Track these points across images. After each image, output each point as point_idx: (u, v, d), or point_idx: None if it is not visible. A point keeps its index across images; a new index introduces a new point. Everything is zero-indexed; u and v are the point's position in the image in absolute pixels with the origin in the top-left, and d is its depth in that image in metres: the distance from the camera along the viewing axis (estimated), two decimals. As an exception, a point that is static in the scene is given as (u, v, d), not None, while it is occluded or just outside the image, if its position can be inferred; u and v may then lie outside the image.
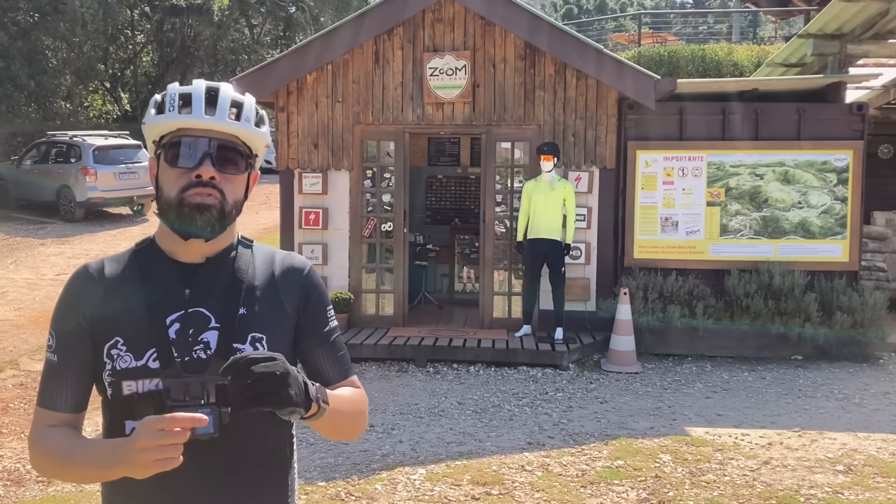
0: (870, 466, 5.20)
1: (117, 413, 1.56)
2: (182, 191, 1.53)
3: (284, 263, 1.68)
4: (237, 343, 1.56)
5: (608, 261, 8.43)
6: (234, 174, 1.57)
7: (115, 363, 1.54)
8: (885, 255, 9.56)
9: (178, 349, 1.54)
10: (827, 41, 9.01)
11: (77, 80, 25.10)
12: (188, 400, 1.47)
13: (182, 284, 1.58)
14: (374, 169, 8.69)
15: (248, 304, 1.59)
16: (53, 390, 1.60)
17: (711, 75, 18.19)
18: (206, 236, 1.56)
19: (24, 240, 14.67)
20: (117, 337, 1.55)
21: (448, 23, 8.37)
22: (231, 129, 1.55)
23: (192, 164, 1.53)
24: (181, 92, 1.56)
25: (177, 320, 1.55)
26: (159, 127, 1.57)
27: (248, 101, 1.60)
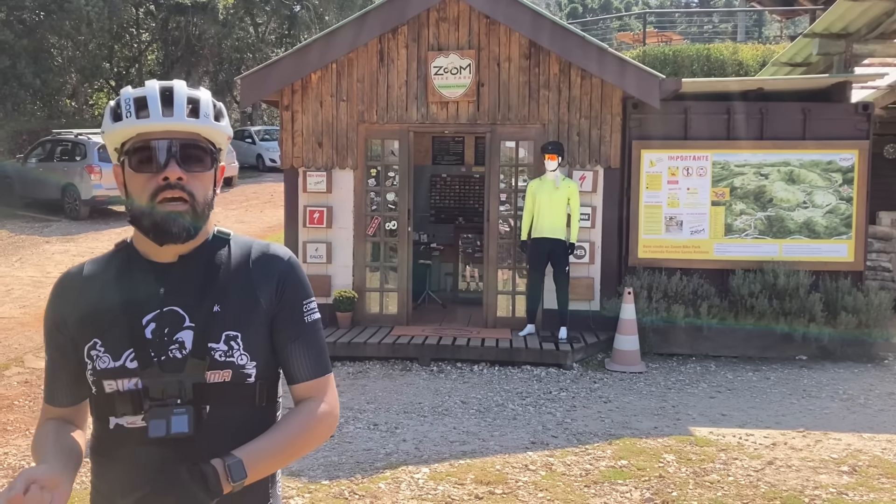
0: (874, 467, 5.18)
1: (101, 409, 1.60)
2: (152, 196, 1.52)
3: (259, 253, 1.65)
4: (212, 342, 1.55)
5: (612, 260, 8.42)
6: (201, 171, 1.56)
7: (94, 363, 1.57)
8: (890, 255, 9.54)
9: (155, 349, 1.54)
10: (832, 41, 9.00)
11: (82, 79, 25.15)
12: (165, 399, 1.51)
13: (157, 284, 1.59)
14: (379, 168, 8.69)
15: (222, 301, 1.58)
16: (52, 387, 1.67)
17: (716, 75, 18.16)
18: (181, 241, 1.56)
19: (29, 237, 14.71)
20: (95, 338, 1.57)
21: (453, 22, 8.37)
22: (191, 127, 1.54)
23: (157, 167, 1.52)
24: (136, 96, 1.55)
25: (152, 320, 1.56)
26: (118, 134, 1.56)
27: (204, 96, 1.59)
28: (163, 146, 1.53)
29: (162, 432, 1.48)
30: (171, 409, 1.49)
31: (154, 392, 1.51)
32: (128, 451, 1.54)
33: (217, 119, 1.59)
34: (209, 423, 1.52)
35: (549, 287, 8.03)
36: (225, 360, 1.55)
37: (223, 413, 1.55)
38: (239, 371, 1.57)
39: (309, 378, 1.65)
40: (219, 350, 1.55)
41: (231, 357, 1.56)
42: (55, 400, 1.67)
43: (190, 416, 1.49)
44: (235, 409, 1.57)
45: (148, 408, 1.50)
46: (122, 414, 1.55)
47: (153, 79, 10.30)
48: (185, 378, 1.52)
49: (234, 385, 1.56)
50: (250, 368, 1.58)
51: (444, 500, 4.64)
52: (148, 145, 1.53)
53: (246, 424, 1.58)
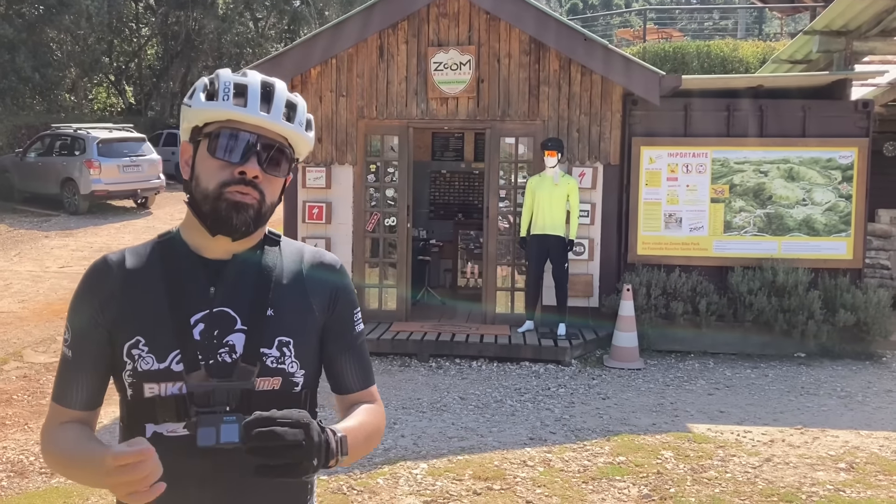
0: (872, 464, 5.19)
1: (137, 415, 1.48)
2: (222, 185, 1.45)
3: (314, 261, 1.60)
4: (264, 347, 1.48)
5: (611, 257, 8.42)
6: (276, 176, 1.50)
7: (136, 364, 1.45)
8: (889, 252, 9.54)
9: (203, 351, 1.45)
10: (833, 38, 8.99)
11: (82, 73, 25.10)
12: (212, 406, 1.42)
13: (207, 282, 1.50)
14: (378, 164, 8.69)
15: (276, 305, 1.51)
16: (67, 386, 1.51)
17: (717, 72, 18.15)
18: (237, 236, 1.48)
19: (29, 232, 14.71)
20: (138, 336, 1.46)
21: (453, 17, 8.35)
22: (282, 130, 1.48)
23: (237, 159, 1.45)
24: (236, 81, 1.47)
25: (201, 320, 1.47)
26: (207, 113, 1.47)
27: (301, 102, 1.53)
28: (250, 139, 1.46)
29: (212, 441, 1.36)
30: (221, 417, 1.38)
31: (199, 398, 1.42)
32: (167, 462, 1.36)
33: (307, 129, 1.54)
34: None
35: (548, 283, 8.03)
36: (276, 367, 1.49)
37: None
38: (288, 379, 1.51)
39: (360, 388, 1.64)
40: (271, 356, 1.48)
41: (282, 364, 1.50)
42: (70, 401, 1.51)
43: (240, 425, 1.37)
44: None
45: (195, 415, 1.40)
46: (162, 421, 1.45)
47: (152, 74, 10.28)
48: (234, 384, 1.44)
49: (282, 393, 1.50)
50: (299, 377, 1.52)
51: (442, 496, 4.65)
52: (235, 134, 1.45)
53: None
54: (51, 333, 8.35)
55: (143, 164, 16.71)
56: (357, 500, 4.60)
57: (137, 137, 17.30)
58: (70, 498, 4.64)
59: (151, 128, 22.93)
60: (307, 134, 1.54)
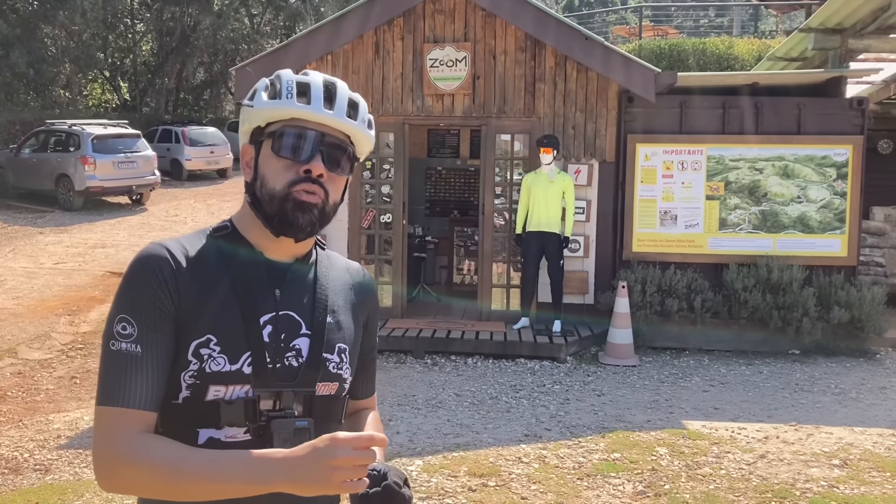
0: (865, 461, 5.21)
1: (191, 418, 1.39)
2: (290, 185, 1.43)
3: (358, 276, 1.64)
4: (326, 353, 1.49)
5: (607, 254, 8.43)
6: (340, 175, 1.49)
7: (204, 364, 1.38)
8: (883, 250, 9.57)
9: (271, 355, 1.42)
10: (828, 35, 9.00)
11: (76, 69, 25.02)
12: (281, 410, 1.40)
13: (272, 284, 1.47)
14: (374, 160, 8.68)
15: (333, 313, 1.53)
16: (131, 385, 1.34)
17: (712, 69, 18.16)
18: (302, 237, 1.46)
19: (23, 228, 14.66)
20: (209, 334, 1.39)
21: (448, 14, 8.35)
22: (346, 128, 1.47)
23: (303, 157, 1.43)
24: (298, 80, 1.46)
25: (269, 322, 1.44)
26: (270, 112, 1.45)
27: (363, 101, 1.53)
28: (314, 137, 1.44)
29: (288, 447, 1.33)
30: (294, 422, 1.37)
31: (265, 402, 1.39)
32: None
33: (369, 127, 1.53)
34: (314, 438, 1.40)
35: (543, 280, 8.04)
36: (336, 373, 1.50)
37: (323, 427, 1.43)
38: (342, 384, 1.52)
39: (368, 396, 1.70)
40: (332, 361, 1.49)
41: (340, 370, 1.51)
42: (136, 400, 1.34)
43: (312, 430, 1.38)
44: (331, 423, 1.49)
45: (266, 420, 1.37)
46: (226, 425, 1.38)
47: (147, 70, 10.25)
48: (299, 388, 1.43)
49: (336, 398, 1.51)
50: (349, 383, 1.55)
51: (438, 493, 4.65)
52: (300, 132, 1.44)
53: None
54: (45, 330, 8.33)
55: (137, 161, 16.67)
56: (352, 497, 4.60)
57: (132, 134, 17.26)
58: (65, 494, 4.64)
59: (146, 124, 22.87)
60: (369, 132, 1.53)
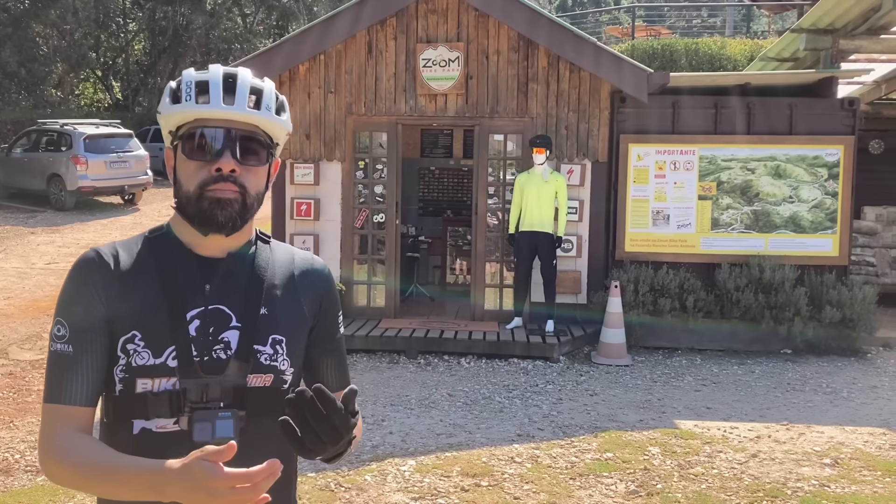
0: (856, 460, 5.24)
1: (125, 410, 1.47)
2: (201, 185, 1.45)
3: (304, 265, 1.63)
4: (258, 344, 1.50)
5: (599, 254, 8.44)
6: (256, 165, 1.49)
7: (130, 359, 1.44)
8: (874, 249, 9.61)
9: (198, 348, 1.46)
10: (820, 36, 9.04)
11: (68, 68, 24.93)
12: (205, 402, 1.43)
13: (202, 279, 1.50)
14: (367, 160, 8.67)
15: (269, 304, 1.54)
16: (67, 383, 1.44)
17: (705, 69, 18.21)
18: (226, 232, 1.49)
19: (14, 228, 14.60)
20: (135, 331, 1.45)
21: (441, 14, 8.34)
22: (251, 119, 1.47)
23: (211, 156, 1.45)
24: (197, 79, 1.47)
25: (197, 317, 1.48)
26: (175, 117, 1.48)
27: (267, 86, 1.52)
28: (220, 135, 1.45)
29: (207, 437, 1.38)
30: (216, 413, 1.41)
31: (193, 394, 1.43)
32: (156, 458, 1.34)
33: (279, 112, 1.53)
34: (246, 429, 1.45)
35: (536, 280, 8.05)
36: (269, 364, 1.51)
37: (258, 419, 1.48)
38: (279, 376, 1.53)
39: (341, 388, 1.65)
40: (264, 353, 1.50)
41: (275, 361, 1.52)
42: (73, 397, 1.44)
43: (235, 421, 1.42)
44: (269, 415, 1.48)
45: (190, 410, 1.42)
46: (154, 416, 1.44)
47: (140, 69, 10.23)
48: (227, 380, 1.46)
49: (272, 390, 1.51)
50: (288, 375, 1.55)
51: (431, 493, 4.65)
52: (205, 132, 1.45)
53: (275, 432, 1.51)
54: (37, 330, 8.30)
55: (130, 160, 16.62)
56: (345, 497, 4.60)
57: (124, 133, 17.21)
58: (56, 496, 4.62)
59: (139, 124, 22.80)
60: (279, 118, 1.52)
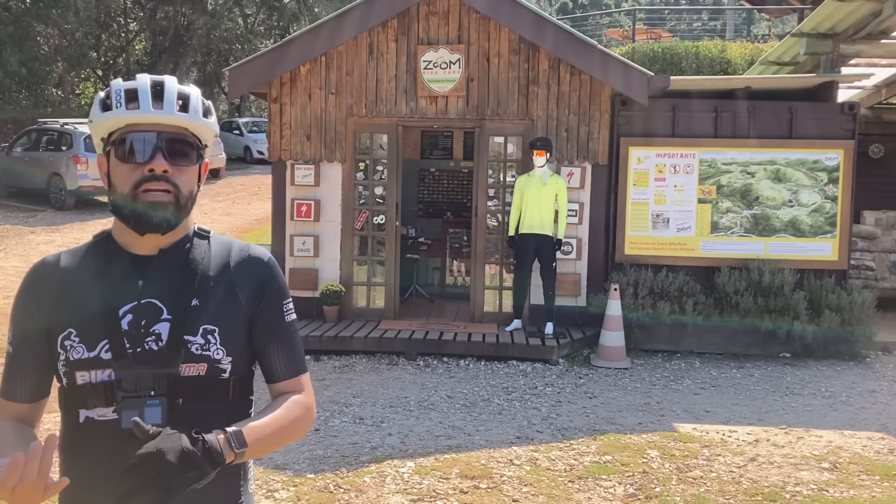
0: (855, 464, 5.24)
1: (71, 401, 1.58)
2: (135, 186, 1.54)
3: (241, 254, 1.69)
4: (188, 335, 1.56)
5: (599, 256, 8.45)
6: (186, 165, 1.58)
7: (68, 354, 1.56)
8: (873, 254, 9.62)
9: (130, 340, 1.55)
10: (820, 40, 9.05)
11: (69, 68, 24.93)
12: (139, 391, 1.51)
13: (136, 276, 1.59)
14: (367, 161, 8.68)
15: (202, 296, 1.60)
16: (12, 381, 1.64)
17: (705, 72, 18.23)
18: (161, 232, 1.57)
19: (14, 228, 14.59)
20: (70, 328, 1.56)
21: (442, 16, 8.35)
22: (179, 122, 1.57)
23: (143, 158, 1.54)
24: (126, 87, 1.57)
25: (129, 311, 1.57)
26: (107, 124, 1.57)
27: (193, 92, 1.61)
28: (150, 138, 1.55)
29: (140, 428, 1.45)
30: (145, 401, 1.50)
31: (127, 384, 1.52)
32: (99, 444, 1.54)
33: (205, 115, 1.62)
34: (182, 417, 1.52)
35: (535, 282, 8.05)
36: (201, 354, 1.57)
37: (196, 407, 1.55)
38: (214, 365, 1.58)
39: (289, 377, 1.69)
40: (195, 343, 1.56)
41: (207, 351, 1.57)
42: (14, 394, 1.63)
43: (163, 408, 1.50)
44: (208, 403, 1.58)
45: (121, 399, 1.51)
46: (93, 406, 1.55)
47: (140, 69, 10.28)
48: (159, 370, 1.53)
49: (209, 379, 1.58)
50: (226, 363, 1.60)
51: (429, 494, 4.66)
52: (137, 136, 1.55)
53: (218, 419, 1.57)
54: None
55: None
56: (344, 499, 4.60)
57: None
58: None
59: (139, 123, 22.78)
60: (206, 120, 1.61)
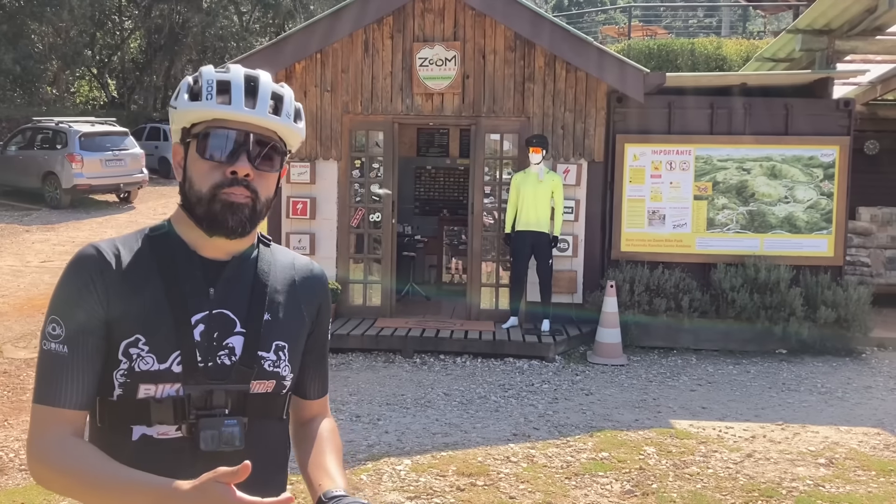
0: (851, 460, 5.25)
1: (124, 416, 1.42)
2: (215, 188, 1.42)
3: (305, 270, 1.62)
4: (261, 350, 1.48)
5: (595, 253, 8.45)
6: (269, 171, 1.47)
7: (133, 363, 1.40)
8: (869, 250, 9.63)
9: (202, 353, 1.43)
10: (815, 37, 9.04)
11: (63, 66, 24.86)
12: (210, 408, 1.42)
13: (206, 282, 1.47)
14: (363, 159, 8.66)
15: (272, 310, 1.52)
16: (59, 384, 1.39)
17: (701, 69, 18.23)
18: (234, 237, 1.46)
19: (9, 226, 14.56)
20: (138, 335, 1.40)
21: (438, 13, 8.34)
22: (270, 124, 1.45)
23: (226, 158, 1.42)
24: (219, 78, 1.44)
25: (201, 321, 1.44)
26: (192, 114, 1.45)
27: (287, 93, 1.50)
28: (239, 138, 1.43)
29: (215, 445, 1.37)
30: (222, 421, 1.39)
31: (197, 400, 1.40)
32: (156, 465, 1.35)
33: (296, 120, 1.51)
34: (248, 435, 1.44)
35: (532, 280, 8.05)
36: (272, 371, 1.49)
37: (260, 425, 1.48)
38: (281, 382, 1.52)
39: (320, 396, 1.68)
40: (268, 359, 1.49)
41: (277, 367, 1.50)
42: (66, 400, 1.38)
43: (241, 429, 1.40)
44: (268, 420, 1.51)
45: (195, 418, 1.39)
46: (156, 423, 1.41)
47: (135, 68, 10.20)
48: (231, 386, 1.44)
49: (274, 396, 1.51)
50: (289, 380, 1.54)
51: (426, 492, 4.65)
52: (223, 133, 1.43)
53: (276, 437, 1.54)
54: (32, 329, 8.28)
55: (125, 158, 16.59)
56: (340, 497, 4.59)
57: (120, 131, 17.17)
58: (51, 494, 4.60)
59: (134, 121, 22.75)
60: (296, 125, 1.51)
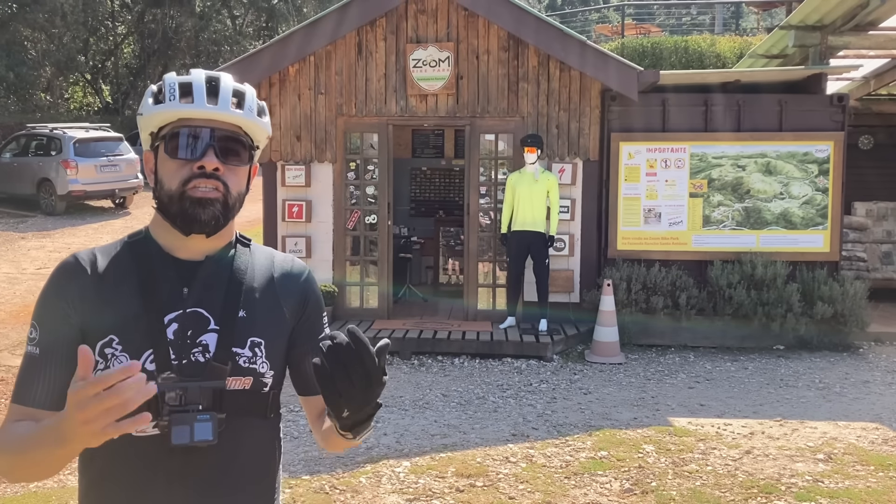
0: (849, 455, 5.26)
1: None
2: (184, 183, 1.46)
3: (284, 266, 1.64)
4: (236, 347, 1.50)
5: (592, 252, 8.45)
6: (238, 165, 1.52)
7: (108, 363, 1.45)
8: (865, 245, 9.64)
9: (176, 351, 1.47)
10: (808, 32, 9.05)
11: (57, 72, 24.81)
12: (185, 405, 1.44)
13: (180, 283, 1.51)
14: (358, 161, 8.66)
15: (248, 307, 1.54)
16: (31, 385, 1.47)
17: (694, 67, 18.24)
18: (208, 231, 1.50)
19: (4, 233, 14.51)
20: (112, 335, 1.46)
21: (431, 14, 8.34)
22: (234, 119, 1.50)
23: (194, 154, 1.47)
24: (181, 81, 1.50)
25: (175, 320, 1.49)
26: (158, 117, 1.50)
27: (249, 90, 1.55)
28: (203, 134, 1.48)
29: (186, 440, 1.41)
30: (195, 416, 1.42)
31: (171, 397, 1.43)
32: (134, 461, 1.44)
33: (260, 115, 1.55)
34: (226, 432, 1.47)
35: (529, 279, 8.05)
36: (248, 367, 1.51)
37: (239, 421, 1.50)
38: (259, 379, 1.53)
39: None
40: (243, 356, 1.50)
41: (254, 364, 1.52)
42: (32, 399, 1.46)
43: (214, 424, 1.43)
44: (250, 417, 1.53)
45: (168, 413, 1.42)
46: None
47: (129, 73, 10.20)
48: (205, 383, 1.46)
49: (252, 393, 1.52)
50: (268, 377, 1.54)
51: (425, 494, 4.65)
52: (189, 131, 1.48)
53: (259, 434, 1.55)
54: (29, 334, 8.25)
55: (120, 164, 16.54)
56: (340, 499, 4.59)
57: (114, 137, 17.12)
58: (49, 502, 4.59)
59: (129, 127, 22.66)
60: (261, 119, 1.55)
